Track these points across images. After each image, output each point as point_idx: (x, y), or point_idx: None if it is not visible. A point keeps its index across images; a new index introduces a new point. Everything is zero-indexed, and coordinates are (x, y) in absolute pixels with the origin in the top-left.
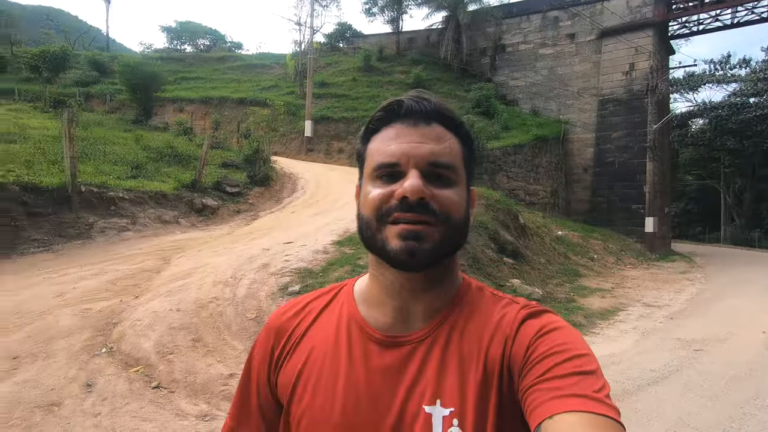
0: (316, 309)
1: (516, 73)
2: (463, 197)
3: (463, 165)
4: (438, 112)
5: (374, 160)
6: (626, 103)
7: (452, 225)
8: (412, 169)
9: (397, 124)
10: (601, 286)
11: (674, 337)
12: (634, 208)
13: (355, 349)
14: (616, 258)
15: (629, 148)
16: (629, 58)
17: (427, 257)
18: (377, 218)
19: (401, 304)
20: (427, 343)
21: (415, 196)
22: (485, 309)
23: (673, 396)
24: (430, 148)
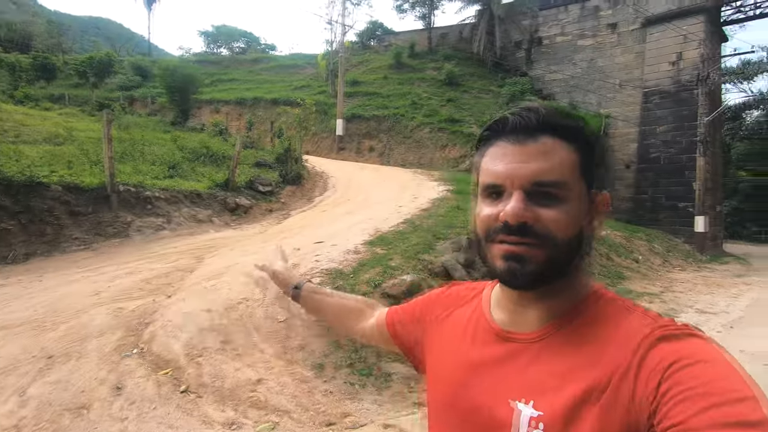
0: (467, 297)
1: (553, 67)
2: (575, 213)
3: (578, 176)
4: (546, 123)
5: (482, 179)
6: (673, 95)
7: (557, 246)
8: (516, 191)
9: (502, 141)
10: (648, 289)
11: (738, 349)
12: (681, 207)
13: (477, 336)
14: (663, 259)
15: (676, 142)
16: (677, 47)
17: (529, 279)
18: (485, 237)
19: (518, 308)
20: (538, 345)
21: (515, 220)
22: (610, 322)
23: None
24: (533, 168)
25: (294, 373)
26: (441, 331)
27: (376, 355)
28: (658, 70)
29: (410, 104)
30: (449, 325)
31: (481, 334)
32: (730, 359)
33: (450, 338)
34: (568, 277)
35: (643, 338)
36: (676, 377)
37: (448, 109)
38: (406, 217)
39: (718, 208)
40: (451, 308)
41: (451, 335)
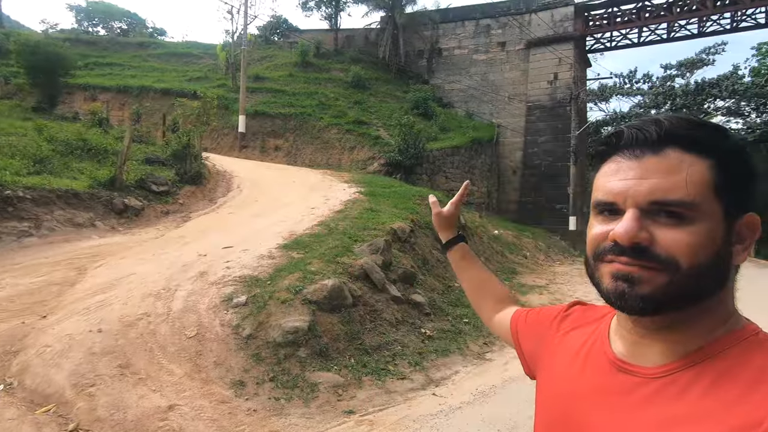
0: (589, 318)
1: (452, 77)
2: (706, 236)
3: (712, 195)
4: (671, 135)
5: (594, 195)
6: (550, 110)
7: (681, 272)
8: (630, 209)
9: (619, 156)
10: (537, 282)
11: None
12: (558, 208)
13: (590, 361)
14: (546, 255)
15: (554, 152)
16: (554, 68)
17: (641, 303)
18: (593, 257)
19: (637, 339)
20: (659, 383)
21: (627, 242)
22: (759, 367)
23: None
24: (652, 185)
25: (211, 393)
26: (556, 350)
27: (301, 365)
28: (539, 87)
29: (318, 104)
30: (565, 345)
31: (595, 360)
32: None
33: (563, 359)
34: (702, 309)
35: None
36: None
37: (355, 111)
38: (321, 219)
39: (584, 209)
40: (570, 328)
41: (564, 356)
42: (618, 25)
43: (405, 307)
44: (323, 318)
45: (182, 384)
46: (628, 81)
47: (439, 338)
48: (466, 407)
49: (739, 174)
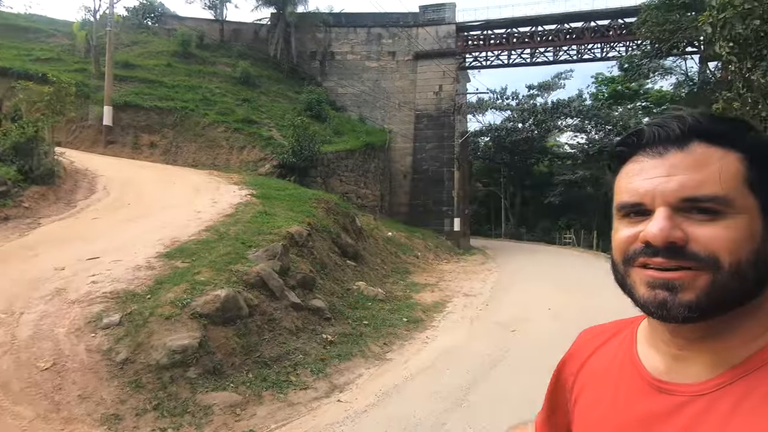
0: (603, 337)
1: (345, 81)
2: (746, 231)
3: (746, 189)
4: (695, 130)
5: (617, 198)
6: (436, 119)
7: (724, 269)
8: (660, 208)
9: (641, 155)
10: (428, 281)
11: (493, 321)
12: (443, 210)
13: (622, 387)
14: (435, 254)
15: (439, 158)
16: (439, 80)
17: (687, 311)
18: (623, 261)
19: (676, 351)
20: (707, 400)
21: (660, 242)
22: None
23: (508, 376)
24: (681, 181)
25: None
26: (582, 382)
27: (191, 387)
28: (426, 97)
29: (202, 99)
30: (589, 372)
31: (628, 384)
32: None
33: (592, 389)
34: (745, 313)
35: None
36: None
37: (244, 110)
38: (209, 224)
39: (466, 211)
40: (588, 353)
41: (593, 384)
42: (491, 46)
43: (305, 314)
44: (216, 332)
45: (34, 426)
46: (500, 97)
47: (341, 343)
48: (371, 410)
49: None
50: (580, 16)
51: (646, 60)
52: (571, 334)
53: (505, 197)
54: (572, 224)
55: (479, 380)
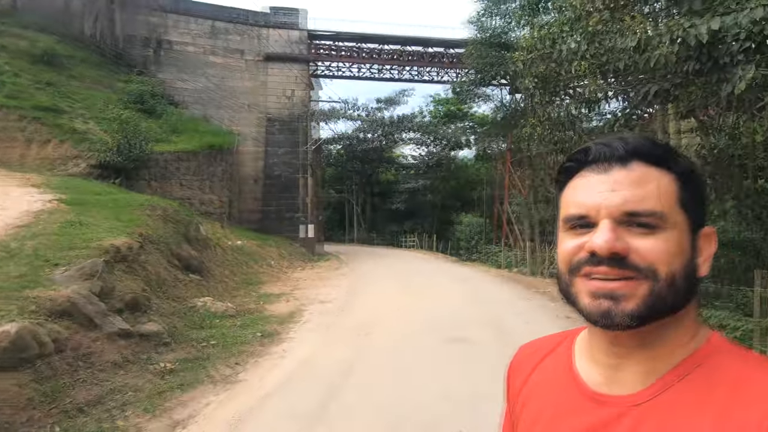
0: (542, 352)
1: (185, 75)
2: (680, 245)
3: (679, 207)
4: (636, 151)
5: (563, 212)
6: (288, 123)
7: (665, 280)
8: (604, 220)
9: (587, 171)
10: (283, 290)
11: (349, 326)
12: (296, 217)
13: (562, 401)
14: (289, 262)
15: (291, 163)
16: (291, 84)
17: (629, 319)
18: (569, 271)
19: (614, 361)
20: (640, 410)
21: (605, 252)
22: (733, 382)
23: (367, 375)
24: (624, 196)
25: None
26: (524, 398)
27: None
28: (278, 101)
29: None
30: (531, 387)
31: (568, 398)
32: None
33: (533, 405)
34: (675, 322)
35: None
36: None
37: (48, 95)
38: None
39: (320, 218)
40: (530, 369)
41: (537, 404)
42: (342, 57)
43: (136, 341)
44: (2, 382)
45: None
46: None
47: (184, 370)
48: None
49: (696, 190)
50: (419, 41)
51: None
52: (417, 329)
53: (356, 203)
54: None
55: (338, 390)
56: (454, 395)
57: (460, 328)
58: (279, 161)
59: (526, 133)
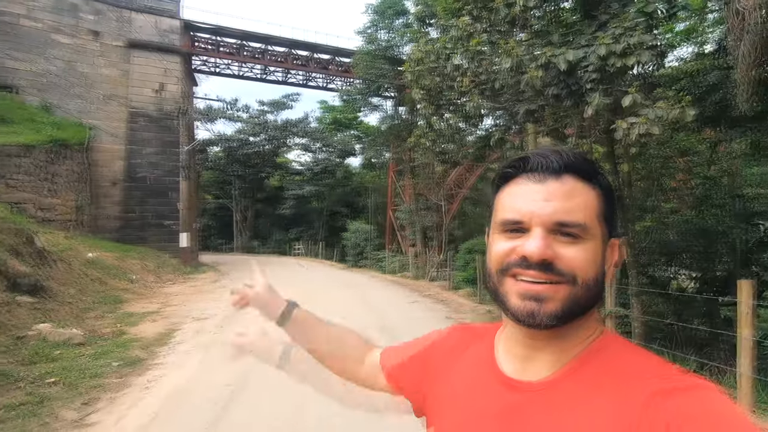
0: (473, 338)
1: (18, 54)
2: (596, 254)
3: (599, 220)
4: (569, 165)
5: (499, 215)
6: (158, 120)
7: (582, 285)
8: (536, 228)
9: (523, 179)
10: (149, 308)
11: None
12: (167, 224)
13: (482, 385)
14: (156, 276)
15: (162, 165)
16: (160, 77)
17: (549, 320)
18: (499, 271)
19: (527, 352)
20: (547, 395)
21: (537, 258)
22: (620, 370)
23: (255, 401)
24: (555, 207)
25: None
26: (447, 380)
27: None
28: (144, 94)
29: None
30: (456, 373)
31: (486, 384)
32: (732, 409)
33: (456, 389)
34: (584, 320)
35: (650, 393)
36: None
37: None
38: None
39: (195, 225)
40: (457, 354)
41: (457, 385)
42: (223, 54)
43: None
44: None
45: None
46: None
47: (8, 419)
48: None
49: (612, 205)
50: (306, 46)
51: (359, 96)
52: None
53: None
54: (303, 236)
55: (219, 423)
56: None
57: None
58: (146, 162)
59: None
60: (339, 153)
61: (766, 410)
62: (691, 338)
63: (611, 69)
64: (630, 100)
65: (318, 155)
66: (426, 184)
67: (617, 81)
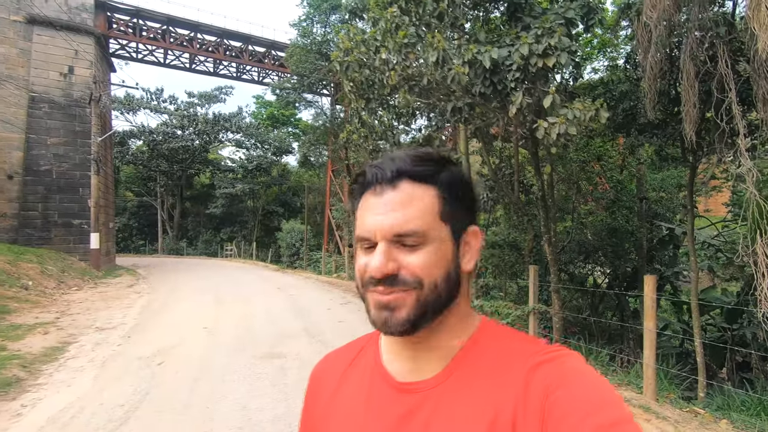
0: (347, 361)
1: None
2: (439, 254)
3: (440, 221)
4: (402, 171)
5: (356, 231)
6: (65, 107)
7: (428, 288)
8: (380, 243)
9: (369, 193)
10: (42, 319)
11: (135, 357)
12: (76, 224)
13: (374, 396)
14: (58, 281)
15: (70, 157)
16: (68, 59)
17: (401, 325)
18: (361, 285)
19: (411, 353)
20: (439, 392)
21: (379, 275)
22: (500, 355)
23: (151, 424)
24: (391, 220)
25: None
26: (334, 408)
27: None
28: (48, 77)
29: None
30: (343, 395)
31: (378, 392)
32: (592, 371)
33: (347, 411)
34: (448, 316)
35: (527, 368)
36: (554, 397)
37: None
38: None
39: (111, 225)
40: (338, 375)
41: (347, 406)
42: (145, 39)
43: None
44: None
45: None
46: (155, 98)
47: None
48: None
49: (459, 198)
50: (239, 37)
51: (292, 91)
52: (226, 349)
53: (162, 209)
54: (234, 236)
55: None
56: (268, 424)
57: (276, 341)
58: (50, 153)
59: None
60: (275, 150)
61: (667, 398)
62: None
63: (533, 69)
64: (550, 101)
65: (252, 152)
66: None
67: (539, 82)
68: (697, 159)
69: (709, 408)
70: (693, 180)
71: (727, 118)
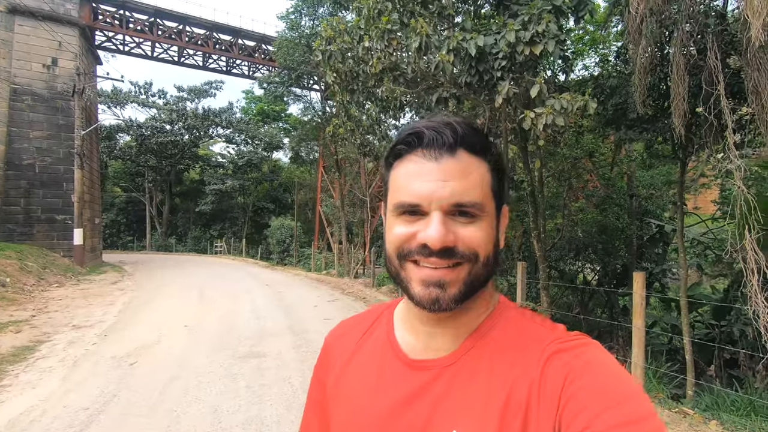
0: (361, 330)
1: None
2: (490, 229)
3: (491, 194)
4: (463, 140)
5: (395, 196)
6: (49, 100)
7: (480, 262)
8: (435, 212)
9: (418, 156)
10: (15, 317)
11: (109, 356)
12: (60, 219)
13: (386, 371)
14: (38, 278)
15: (53, 151)
16: (52, 51)
17: (452, 303)
18: (398, 256)
19: (430, 329)
20: (453, 370)
21: (438, 246)
22: (517, 336)
23: (114, 428)
24: (453, 188)
25: None
26: (345, 379)
27: None
28: (31, 69)
29: None
30: (355, 366)
31: (390, 368)
32: (613, 362)
33: (358, 383)
34: (481, 294)
35: (546, 354)
36: (573, 388)
37: None
38: None
39: (96, 221)
40: (352, 345)
41: (358, 378)
42: (131, 31)
43: None
44: None
45: None
46: (144, 92)
47: None
48: None
49: (502, 174)
50: (229, 30)
51: (280, 85)
52: (206, 348)
53: (150, 204)
54: (224, 233)
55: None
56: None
57: (258, 340)
58: (32, 147)
59: (329, 133)
60: (266, 146)
61: (656, 398)
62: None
63: (520, 57)
64: (537, 90)
65: (242, 147)
66: (353, 179)
67: (527, 72)
68: (687, 155)
69: (698, 408)
70: (683, 177)
71: (715, 112)
